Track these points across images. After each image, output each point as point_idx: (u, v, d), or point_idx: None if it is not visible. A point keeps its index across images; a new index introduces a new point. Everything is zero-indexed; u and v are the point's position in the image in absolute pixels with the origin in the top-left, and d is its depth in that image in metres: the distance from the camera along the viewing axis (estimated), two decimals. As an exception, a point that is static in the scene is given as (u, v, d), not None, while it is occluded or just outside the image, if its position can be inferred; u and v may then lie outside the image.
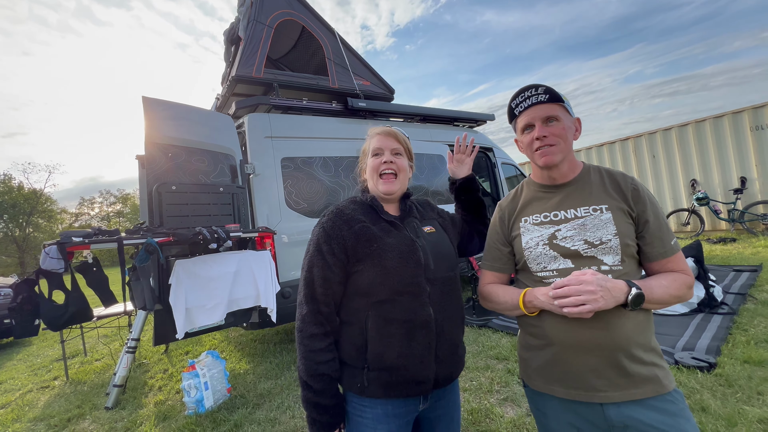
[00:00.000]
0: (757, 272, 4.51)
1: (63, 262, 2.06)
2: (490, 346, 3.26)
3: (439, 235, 1.15)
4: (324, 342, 0.98)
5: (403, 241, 1.04)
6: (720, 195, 7.76)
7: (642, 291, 0.85)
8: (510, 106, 1.03)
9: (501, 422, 2.13)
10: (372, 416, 0.98)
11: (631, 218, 0.95)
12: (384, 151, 1.11)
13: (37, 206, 28.76)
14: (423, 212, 1.20)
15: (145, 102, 3.03)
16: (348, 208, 1.09)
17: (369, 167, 1.13)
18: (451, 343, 1.04)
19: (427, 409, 1.05)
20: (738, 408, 2.00)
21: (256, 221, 3.41)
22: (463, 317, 1.13)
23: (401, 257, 1.00)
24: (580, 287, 0.84)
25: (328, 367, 0.97)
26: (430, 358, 0.99)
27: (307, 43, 4.76)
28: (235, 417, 2.55)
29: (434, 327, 1.00)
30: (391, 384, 0.97)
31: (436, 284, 1.03)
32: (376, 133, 1.14)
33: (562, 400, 0.95)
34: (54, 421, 2.84)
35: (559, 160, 0.98)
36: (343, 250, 1.00)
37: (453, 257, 1.14)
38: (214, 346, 4.33)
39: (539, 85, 0.97)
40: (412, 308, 0.98)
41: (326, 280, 1.00)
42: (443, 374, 1.02)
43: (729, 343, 2.72)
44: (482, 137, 5.92)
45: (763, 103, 7.17)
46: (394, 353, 0.97)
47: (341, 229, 1.02)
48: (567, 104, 0.99)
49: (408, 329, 0.97)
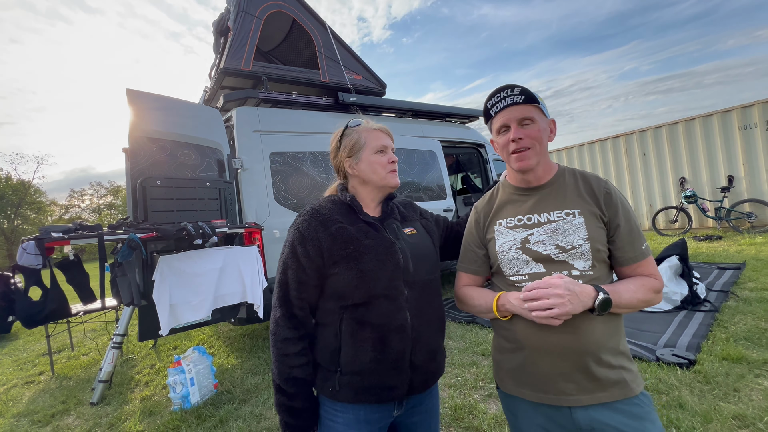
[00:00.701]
0: (740, 270, 4.60)
1: (41, 258, 2.03)
2: (477, 342, 3.29)
3: (420, 237, 1.12)
4: (297, 346, 0.97)
5: (382, 242, 1.01)
6: (708, 193, 7.87)
7: (609, 296, 0.85)
8: (486, 107, 1.02)
9: (484, 418, 2.16)
10: (344, 421, 0.97)
11: (603, 222, 0.95)
12: (388, 149, 1.11)
13: (26, 198, 28.30)
14: (405, 213, 1.17)
15: (130, 94, 2.97)
16: (325, 207, 1.05)
17: (373, 163, 1.08)
18: (428, 349, 1.02)
19: (403, 415, 1.04)
20: (714, 404, 2.04)
21: (244, 216, 3.38)
22: (444, 321, 1.11)
23: (379, 259, 0.98)
24: (549, 291, 0.84)
25: (301, 371, 0.97)
26: (404, 364, 0.97)
27: (298, 36, 4.70)
28: (221, 413, 2.55)
29: (410, 332, 0.98)
30: (363, 389, 0.96)
31: (414, 288, 1.01)
32: (374, 128, 1.12)
33: (532, 403, 0.96)
34: (38, 417, 2.82)
35: (535, 163, 0.98)
36: (319, 253, 0.98)
37: (434, 260, 1.12)
38: (203, 341, 4.32)
39: (515, 85, 0.96)
40: (388, 312, 0.96)
41: (300, 283, 0.98)
42: (418, 380, 1.00)
43: (709, 340, 2.77)
44: (474, 133, 5.91)
45: (751, 103, 7.25)
46: (367, 358, 0.95)
47: (317, 231, 0.99)
48: (542, 105, 0.98)
49: (382, 334, 0.95)
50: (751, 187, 7.35)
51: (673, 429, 1.89)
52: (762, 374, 2.28)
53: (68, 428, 2.62)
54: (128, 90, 2.97)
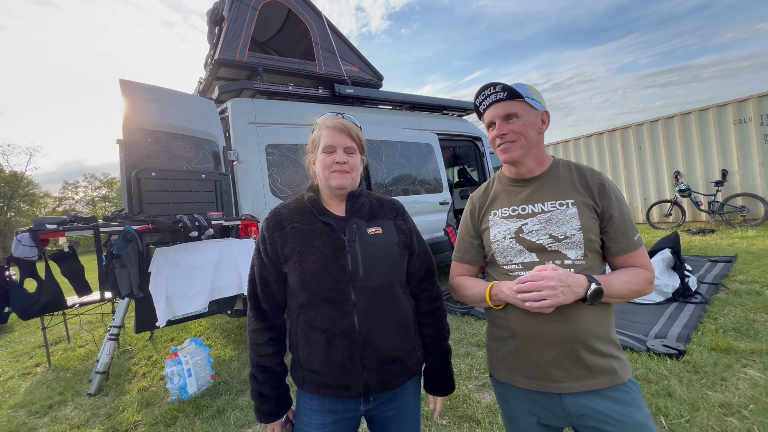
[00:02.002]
0: (731, 263, 4.67)
1: (36, 249, 2.02)
2: (472, 333, 3.33)
3: (384, 237, 1.05)
4: (265, 336, 1.03)
5: (332, 244, 1.00)
6: (702, 187, 7.94)
7: (601, 286, 0.87)
8: (475, 104, 1.06)
9: (478, 407, 2.20)
10: (309, 407, 1.02)
11: (596, 213, 0.96)
12: (336, 149, 1.03)
13: (18, 190, 27.97)
14: (377, 211, 1.11)
15: (123, 85, 2.94)
16: (286, 208, 1.08)
17: (320, 163, 1.05)
18: (381, 354, 0.98)
19: (374, 409, 1.04)
20: (702, 393, 2.09)
21: (240, 209, 3.38)
22: (406, 325, 1.05)
23: (323, 262, 0.97)
24: (542, 282, 0.86)
25: (269, 360, 1.03)
26: (355, 366, 0.97)
27: (294, 27, 4.65)
28: (219, 403, 2.57)
29: (358, 337, 0.96)
30: (321, 384, 0.99)
31: (364, 293, 0.98)
32: (327, 126, 1.05)
33: (523, 390, 0.98)
34: (35, 408, 2.83)
35: (519, 155, 0.99)
36: (274, 251, 1.03)
37: (393, 263, 1.05)
38: (200, 333, 4.34)
39: (497, 83, 0.99)
40: (333, 317, 0.97)
41: (263, 278, 1.04)
42: (375, 382, 0.99)
43: (699, 332, 2.83)
44: (471, 126, 5.90)
45: (746, 97, 7.28)
46: (317, 359, 0.98)
47: (274, 230, 1.04)
48: (531, 98, 0.98)
49: (327, 338, 0.96)
50: (744, 181, 7.42)
51: (662, 417, 1.94)
52: (749, 364, 2.33)
53: (66, 419, 2.63)
54: (122, 81, 2.94)
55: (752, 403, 1.95)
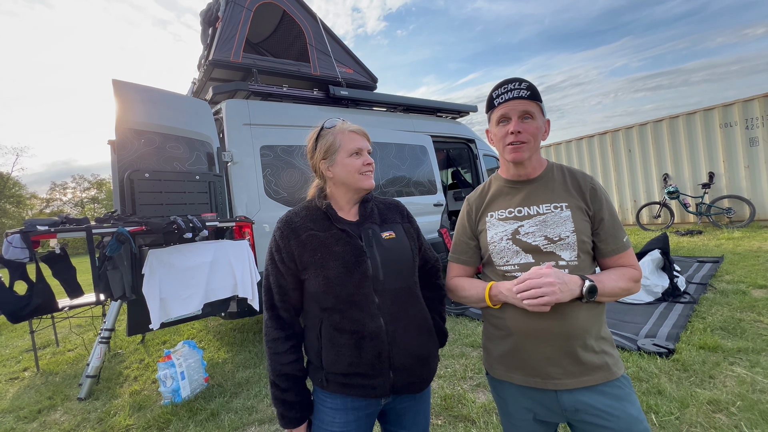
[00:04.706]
0: (718, 263, 4.77)
1: (27, 251, 1.99)
2: (466, 334, 3.36)
3: (398, 241, 1.10)
4: (286, 345, 1.04)
5: (352, 250, 1.02)
6: (690, 189, 8.11)
7: (595, 283, 0.90)
8: (491, 96, 1.04)
9: (472, 407, 2.22)
10: (332, 405, 1.03)
11: (588, 216, 0.99)
12: (363, 151, 1.09)
13: (4, 191, 27.40)
14: (386, 215, 1.15)
15: (116, 85, 2.91)
16: (298, 215, 1.09)
17: (346, 166, 1.07)
18: (409, 353, 1.02)
19: (392, 402, 1.08)
20: (691, 390, 2.14)
21: (235, 210, 3.35)
22: (429, 327, 1.11)
23: (346, 267, 1.00)
24: (541, 280, 0.88)
25: (291, 368, 1.04)
26: (383, 366, 0.99)
27: (288, 28, 4.64)
28: (212, 406, 2.55)
29: (386, 337, 1.00)
30: (347, 385, 1.01)
31: (386, 295, 1.02)
32: (350, 130, 1.09)
33: (520, 387, 1.00)
34: (23, 413, 2.77)
35: (527, 157, 1.01)
36: (291, 259, 1.03)
37: (409, 266, 1.10)
38: (193, 335, 4.30)
39: (523, 79, 0.99)
40: (360, 319, 0.99)
41: (281, 287, 1.05)
42: (402, 383, 1.02)
43: (688, 331, 2.89)
44: (465, 128, 5.95)
45: (732, 101, 7.46)
46: (345, 362, 0.99)
47: (289, 239, 1.04)
48: (542, 105, 1.01)
49: (356, 340, 0.99)
50: (730, 183, 7.59)
51: (653, 414, 1.98)
52: (736, 362, 2.39)
53: (56, 423, 2.59)
54: (114, 81, 2.91)
55: (739, 400, 2.00)
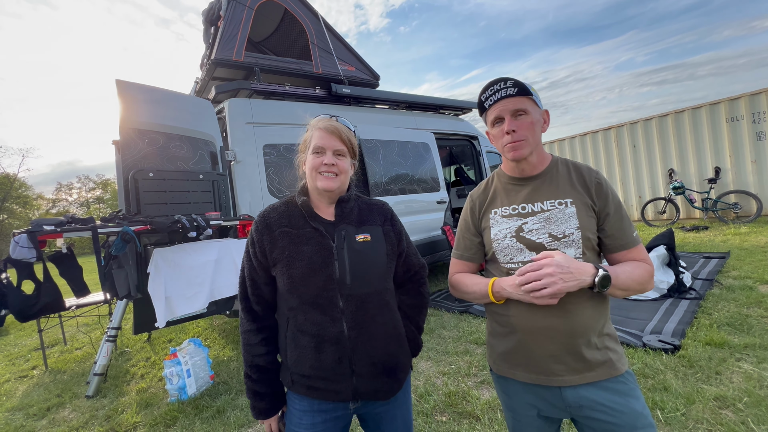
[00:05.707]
0: (725, 259, 4.73)
1: (34, 251, 2.01)
2: (470, 331, 3.36)
3: (372, 245, 1.05)
4: (258, 337, 1.06)
5: (320, 251, 1.00)
6: (695, 184, 8.03)
7: (609, 273, 0.88)
8: (480, 100, 1.04)
9: (477, 404, 2.22)
10: (299, 407, 1.03)
11: (593, 212, 0.98)
12: (326, 150, 1.02)
13: (11, 192, 27.68)
14: (366, 216, 1.10)
15: (120, 85, 2.93)
16: (276, 211, 1.08)
17: (309, 164, 1.04)
18: (371, 361, 0.99)
19: (363, 407, 1.05)
20: (697, 387, 2.12)
21: (238, 209, 3.37)
22: (398, 335, 1.07)
23: (311, 268, 0.98)
24: (540, 272, 0.87)
25: (262, 360, 1.05)
26: (344, 371, 0.98)
27: (290, 27, 4.64)
28: (218, 403, 2.57)
29: (348, 343, 0.97)
30: (310, 387, 1.00)
31: (352, 300, 0.99)
32: (319, 127, 1.05)
33: (523, 383, 1.00)
34: (33, 411, 2.81)
35: (528, 153, 1.00)
36: (264, 254, 1.03)
37: (381, 271, 1.05)
38: (198, 333, 4.33)
39: (507, 78, 0.98)
40: (321, 323, 0.97)
41: (253, 280, 1.06)
42: (365, 389, 1.00)
43: (693, 327, 2.87)
44: (468, 125, 5.93)
45: (739, 95, 7.37)
46: (307, 364, 0.99)
47: (263, 234, 1.04)
48: (535, 97, 1.00)
49: (317, 343, 0.98)
50: (736, 178, 7.51)
51: (658, 411, 1.97)
52: (743, 358, 2.37)
53: (64, 421, 2.62)
54: (118, 81, 2.93)
55: (746, 396, 1.99)
